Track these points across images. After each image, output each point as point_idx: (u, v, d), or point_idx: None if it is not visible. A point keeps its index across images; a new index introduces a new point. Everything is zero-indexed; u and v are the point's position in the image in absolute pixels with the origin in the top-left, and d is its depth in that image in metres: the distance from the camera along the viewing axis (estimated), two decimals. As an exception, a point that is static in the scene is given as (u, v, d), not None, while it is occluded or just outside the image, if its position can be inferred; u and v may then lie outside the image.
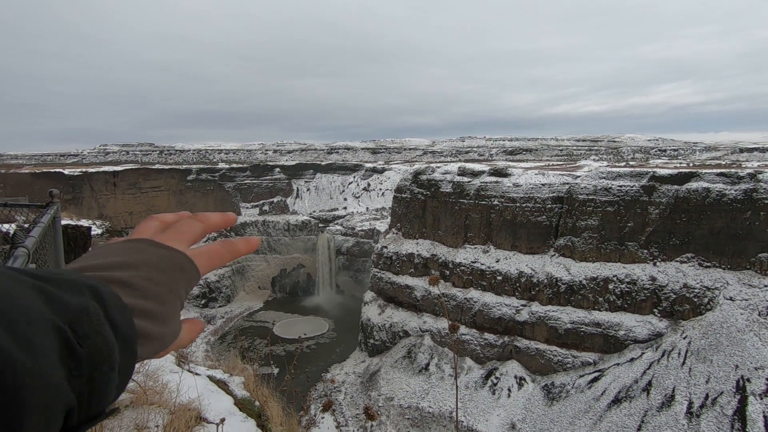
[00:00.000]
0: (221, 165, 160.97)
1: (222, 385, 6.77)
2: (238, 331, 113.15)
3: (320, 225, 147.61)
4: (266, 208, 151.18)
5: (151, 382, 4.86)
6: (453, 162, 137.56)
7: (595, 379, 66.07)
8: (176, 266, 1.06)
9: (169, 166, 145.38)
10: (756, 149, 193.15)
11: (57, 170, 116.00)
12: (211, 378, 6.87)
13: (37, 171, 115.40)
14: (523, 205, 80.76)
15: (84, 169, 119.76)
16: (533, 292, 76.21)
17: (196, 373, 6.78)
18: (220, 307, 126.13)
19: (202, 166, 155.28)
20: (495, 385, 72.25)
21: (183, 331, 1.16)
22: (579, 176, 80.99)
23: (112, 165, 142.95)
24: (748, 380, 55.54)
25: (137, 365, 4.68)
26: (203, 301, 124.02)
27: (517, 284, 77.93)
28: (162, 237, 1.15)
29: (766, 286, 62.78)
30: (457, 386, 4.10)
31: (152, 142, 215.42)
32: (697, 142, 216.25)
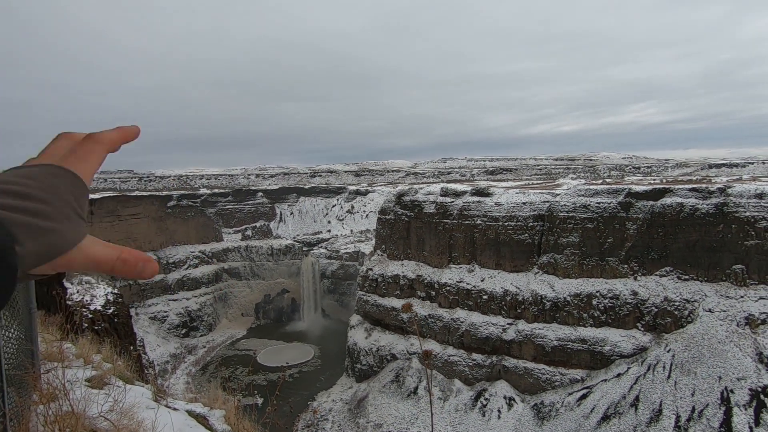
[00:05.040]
0: (202, 190, 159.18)
1: (201, 419, 6.55)
2: (220, 360, 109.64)
3: (304, 249, 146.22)
4: (249, 233, 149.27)
5: (125, 420, 4.68)
6: (435, 183, 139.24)
7: (584, 396, 65.92)
8: (48, 173, 1.10)
9: (148, 193, 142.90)
10: (724, 165, 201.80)
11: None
12: (190, 413, 6.64)
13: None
14: (506, 223, 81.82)
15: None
16: (519, 310, 76.42)
17: (174, 408, 6.54)
18: (201, 336, 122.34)
19: (182, 191, 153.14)
20: (485, 406, 71.31)
21: (99, 245, 1.14)
22: (558, 194, 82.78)
23: (89, 192, 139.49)
24: (732, 391, 56.26)
25: (111, 403, 4.48)
26: (184, 331, 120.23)
27: (503, 303, 78.10)
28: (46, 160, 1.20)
29: (742, 297, 64.45)
30: (432, 413, 4.06)
31: (131, 168, 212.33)
32: (668, 159, 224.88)
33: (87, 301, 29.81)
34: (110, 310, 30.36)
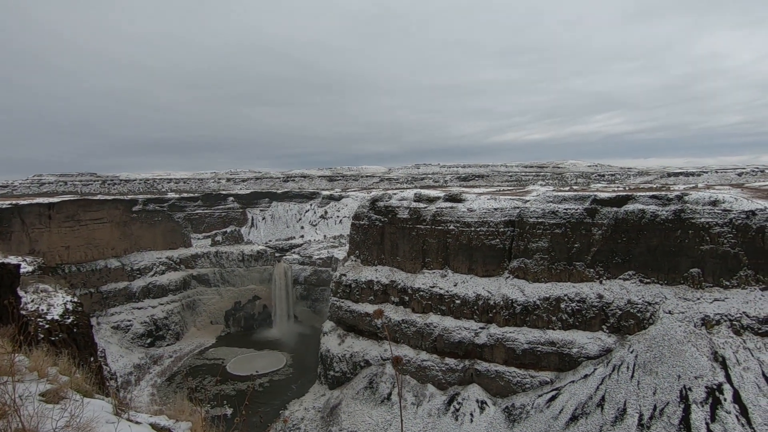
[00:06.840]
0: (170, 194, 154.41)
1: (166, 432, 6.27)
2: (187, 370, 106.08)
3: (277, 254, 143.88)
4: (219, 238, 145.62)
5: (83, 435, 4.43)
6: (409, 188, 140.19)
7: (553, 398, 67.47)
8: None
9: (112, 197, 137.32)
10: (681, 173, 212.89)
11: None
12: (153, 426, 6.35)
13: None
14: (478, 229, 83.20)
15: (14, 201, 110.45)
16: (491, 315, 77.65)
17: (137, 422, 6.25)
18: (168, 345, 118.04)
19: (149, 195, 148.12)
20: (458, 410, 71.85)
21: None
22: (528, 200, 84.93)
23: (47, 196, 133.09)
24: (690, 389, 58.93)
25: (67, 418, 4.25)
26: (149, 340, 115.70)
27: (475, 307, 79.17)
28: None
29: (698, 299, 67.81)
30: (402, 420, 4.05)
31: (94, 171, 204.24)
32: (631, 168, 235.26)
33: (43, 310, 28.20)
34: (69, 320, 28.81)
